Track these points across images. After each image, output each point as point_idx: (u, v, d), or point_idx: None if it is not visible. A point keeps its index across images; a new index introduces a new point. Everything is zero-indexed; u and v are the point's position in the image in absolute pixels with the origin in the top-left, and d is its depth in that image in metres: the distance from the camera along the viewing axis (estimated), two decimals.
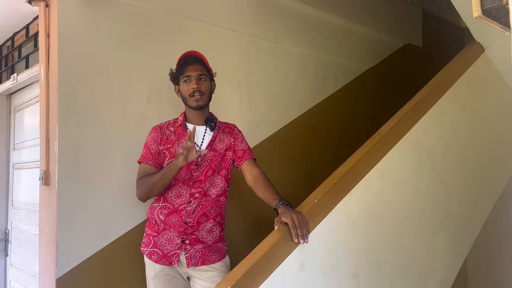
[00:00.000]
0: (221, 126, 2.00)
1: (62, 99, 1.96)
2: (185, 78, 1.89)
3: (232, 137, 1.98)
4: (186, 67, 1.89)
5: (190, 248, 1.84)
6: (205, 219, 1.87)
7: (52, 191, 1.96)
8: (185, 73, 1.89)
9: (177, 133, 1.92)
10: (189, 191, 1.86)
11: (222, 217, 1.95)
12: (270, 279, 1.50)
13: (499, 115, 2.78)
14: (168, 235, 1.85)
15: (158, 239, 1.86)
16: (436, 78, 2.46)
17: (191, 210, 1.84)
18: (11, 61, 2.86)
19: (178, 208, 1.85)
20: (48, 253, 1.98)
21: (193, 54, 1.91)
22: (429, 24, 4.36)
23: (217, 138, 1.95)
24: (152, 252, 1.86)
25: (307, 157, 3.07)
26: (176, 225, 1.84)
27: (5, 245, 2.87)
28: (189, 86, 1.87)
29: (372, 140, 2.06)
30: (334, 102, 3.33)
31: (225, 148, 1.95)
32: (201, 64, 1.90)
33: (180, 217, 1.84)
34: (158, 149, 1.89)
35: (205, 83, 1.90)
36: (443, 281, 2.27)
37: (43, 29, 2.03)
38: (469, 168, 2.53)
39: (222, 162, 1.93)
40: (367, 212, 1.94)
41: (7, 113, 2.94)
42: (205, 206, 1.87)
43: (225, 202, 1.96)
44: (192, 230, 1.85)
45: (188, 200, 1.85)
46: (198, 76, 1.88)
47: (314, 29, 3.18)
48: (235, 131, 2.01)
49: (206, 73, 1.91)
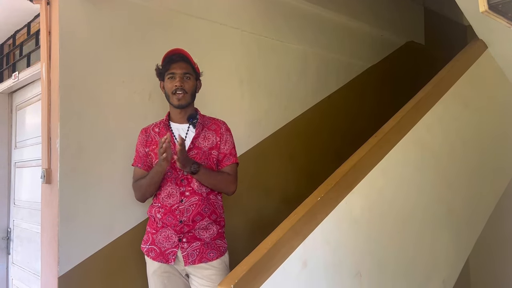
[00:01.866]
0: (206, 123, 1.96)
1: (63, 97, 1.95)
2: (170, 75, 1.89)
3: (218, 136, 1.94)
4: (171, 65, 1.89)
5: (187, 246, 1.84)
6: (200, 217, 1.86)
7: (54, 189, 1.95)
8: (170, 70, 1.88)
9: (161, 133, 1.92)
10: (178, 190, 1.86)
11: (217, 215, 1.93)
12: (272, 277, 1.49)
13: (502, 113, 2.77)
14: (166, 232, 1.85)
15: (156, 237, 1.87)
16: (439, 76, 2.45)
17: (184, 209, 1.84)
18: (12, 59, 2.85)
19: (171, 208, 1.85)
20: (50, 251, 1.98)
21: (179, 52, 1.90)
22: (432, 21, 4.35)
23: (201, 135, 1.92)
24: (150, 250, 1.88)
25: (309, 155, 3.07)
26: (172, 224, 1.85)
27: (7, 244, 2.87)
28: (172, 84, 1.87)
29: (375, 138, 2.05)
30: (336, 100, 3.32)
31: (210, 146, 1.92)
32: (187, 63, 1.90)
33: (175, 216, 1.84)
34: (144, 151, 1.93)
35: (189, 82, 1.89)
36: (445, 279, 2.26)
37: (44, 27, 2.02)
38: (472, 166, 2.52)
39: (208, 160, 1.90)
40: (369, 210, 1.93)
41: (9, 111, 2.94)
42: (199, 205, 1.86)
43: (218, 200, 1.94)
44: (189, 228, 1.84)
45: (179, 199, 1.85)
46: (182, 74, 1.87)
47: (316, 27, 3.17)
48: (221, 130, 1.97)
49: (191, 71, 1.90)
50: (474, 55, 2.61)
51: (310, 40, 3.12)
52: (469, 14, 2.53)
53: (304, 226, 1.65)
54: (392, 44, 3.91)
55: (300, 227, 1.63)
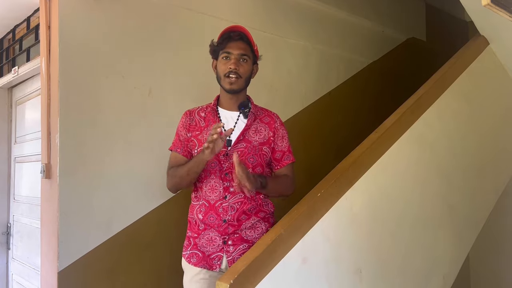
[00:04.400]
0: (258, 114, 1.76)
1: (63, 92, 1.95)
2: (225, 54, 1.67)
3: (272, 131, 1.73)
4: (228, 43, 1.66)
5: (233, 250, 1.63)
6: (246, 217, 1.65)
7: (54, 185, 1.95)
8: (226, 49, 1.66)
9: (207, 119, 1.72)
10: (222, 185, 1.64)
11: (267, 213, 1.72)
12: (272, 273, 1.49)
13: (503, 109, 2.76)
14: (209, 235, 1.65)
15: (199, 240, 1.67)
16: (440, 72, 2.44)
17: (228, 207, 1.63)
18: (12, 54, 2.85)
19: (214, 204, 1.64)
20: (50, 246, 1.98)
21: (239, 30, 1.68)
22: (433, 17, 4.33)
23: (252, 127, 1.71)
24: (191, 255, 1.67)
25: (309, 151, 3.06)
26: (215, 225, 1.64)
27: (7, 239, 2.88)
28: (226, 65, 1.65)
29: (375, 134, 2.04)
30: (337, 96, 3.31)
31: (261, 141, 1.70)
32: (246, 43, 1.68)
33: (218, 215, 1.63)
34: (186, 136, 1.71)
35: (245, 65, 1.67)
36: (446, 275, 2.26)
37: (44, 22, 2.01)
38: (473, 163, 2.51)
39: (257, 157, 1.68)
40: (370, 206, 1.93)
41: (8, 106, 2.93)
42: (245, 203, 1.65)
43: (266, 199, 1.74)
44: (234, 229, 1.64)
45: (223, 195, 1.64)
46: (239, 55, 1.65)
47: (317, 22, 3.15)
48: (276, 123, 1.75)
49: (249, 53, 1.68)
50: (476, 51, 2.60)
51: (311, 36, 3.11)
52: (470, 10, 2.52)
53: (304, 222, 1.64)
54: (393, 40, 3.89)
55: (300, 223, 1.62)
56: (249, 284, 1.42)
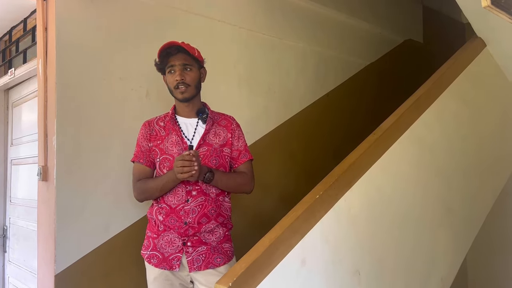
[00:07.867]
0: (216, 119, 1.86)
1: (60, 94, 1.94)
2: (170, 69, 1.78)
3: (230, 132, 1.84)
4: (169, 58, 1.77)
5: (192, 251, 1.72)
6: (206, 220, 1.74)
7: (51, 187, 1.94)
8: (169, 63, 1.78)
9: (167, 127, 1.81)
10: (185, 189, 1.73)
11: (225, 218, 1.82)
12: (271, 275, 1.48)
13: (500, 110, 2.77)
14: (169, 236, 1.73)
15: (158, 241, 1.75)
16: (437, 74, 2.44)
17: (189, 210, 1.72)
18: (8, 56, 2.83)
19: (175, 208, 1.73)
20: (47, 249, 1.96)
21: (174, 44, 1.76)
22: (430, 19, 4.35)
23: (212, 131, 1.82)
24: (151, 256, 1.75)
25: (308, 152, 3.06)
26: (176, 226, 1.72)
27: (3, 242, 2.86)
28: (173, 78, 1.76)
29: (374, 136, 2.04)
30: (335, 97, 3.31)
31: (221, 143, 1.81)
32: (185, 53, 1.77)
33: (179, 217, 1.72)
34: (148, 146, 1.80)
35: (190, 73, 1.77)
36: (444, 277, 2.26)
37: (41, 23, 2.00)
38: (471, 164, 2.52)
39: (219, 159, 1.80)
40: (368, 208, 1.92)
41: (5, 108, 2.92)
42: (206, 206, 1.74)
43: (227, 202, 1.84)
44: (194, 231, 1.72)
45: (185, 199, 1.73)
46: (181, 66, 1.76)
47: (315, 24, 3.16)
48: (232, 125, 1.87)
49: (191, 62, 1.78)
50: (473, 53, 2.60)
51: (309, 38, 3.12)
52: (468, 11, 2.53)
53: (303, 224, 1.63)
54: (391, 42, 3.91)
55: (299, 225, 1.62)
56: (248, 287, 1.42)
